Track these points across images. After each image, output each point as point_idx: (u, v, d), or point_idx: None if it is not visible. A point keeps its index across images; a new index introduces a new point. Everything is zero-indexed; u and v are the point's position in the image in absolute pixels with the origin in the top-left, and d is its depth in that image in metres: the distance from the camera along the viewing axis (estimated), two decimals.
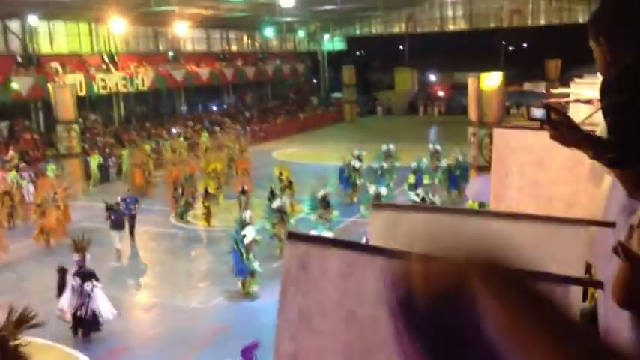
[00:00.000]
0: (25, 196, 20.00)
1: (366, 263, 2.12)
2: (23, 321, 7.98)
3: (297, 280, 2.17)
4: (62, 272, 10.99)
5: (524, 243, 2.85)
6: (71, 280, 10.79)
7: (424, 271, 0.95)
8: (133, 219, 16.60)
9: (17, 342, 7.64)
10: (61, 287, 10.89)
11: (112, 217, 15.55)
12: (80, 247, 11.22)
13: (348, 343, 2.12)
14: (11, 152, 24.00)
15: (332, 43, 49.12)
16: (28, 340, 7.94)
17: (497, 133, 5.48)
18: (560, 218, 2.97)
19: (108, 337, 10.78)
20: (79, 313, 10.66)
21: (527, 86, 42.74)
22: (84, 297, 10.68)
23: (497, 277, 0.86)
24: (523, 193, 5.02)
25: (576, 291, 2.34)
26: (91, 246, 11.51)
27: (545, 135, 2.17)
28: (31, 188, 20.09)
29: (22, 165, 23.19)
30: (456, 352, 1.11)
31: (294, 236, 2.23)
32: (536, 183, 4.98)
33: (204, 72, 36.54)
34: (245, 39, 44.49)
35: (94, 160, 24.66)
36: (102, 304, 10.75)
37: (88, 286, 10.74)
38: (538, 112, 2.02)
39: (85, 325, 10.74)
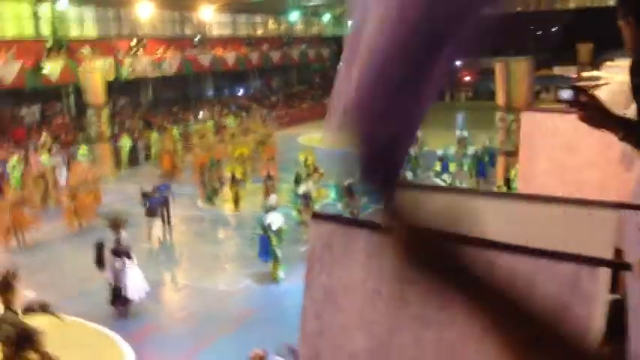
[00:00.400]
0: (58, 179, 20.39)
1: (390, 243, 2.14)
2: (31, 308, 8.12)
3: (321, 259, 2.20)
4: (99, 248, 11.27)
5: (552, 226, 2.85)
6: (108, 256, 11.14)
7: None
8: (167, 206, 16.31)
9: (22, 324, 7.80)
10: (100, 262, 11.23)
11: (147, 205, 15.38)
12: (116, 225, 11.47)
13: (373, 320, 2.15)
14: (44, 136, 24.43)
15: None
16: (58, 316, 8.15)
17: (526, 116, 5.42)
18: (589, 200, 2.95)
19: (138, 316, 11.00)
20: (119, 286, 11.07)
21: (557, 70, 41.97)
22: (116, 273, 10.99)
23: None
24: (552, 177, 4.97)
25: (605, 278, 2.32)
26: (126, 225, 11.74)
27: (574, 118, 2.15)
28: (64, 171, 20.48)
29: (54, 148, 23.60)
30: None
31: (319, 216, 2.26)
32: (565, 167, 4.92)
33: (230, 57, 36.63)
34: (271, 23, 44.43)
35: (124, 144, 25.00)
36: (131, 282, 10.99)
37: (118, 263, 11.01)
38: (566, 94, 2.01)
39: (117, 300, 11.08)
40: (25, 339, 8.06)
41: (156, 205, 15.42)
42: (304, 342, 2.31)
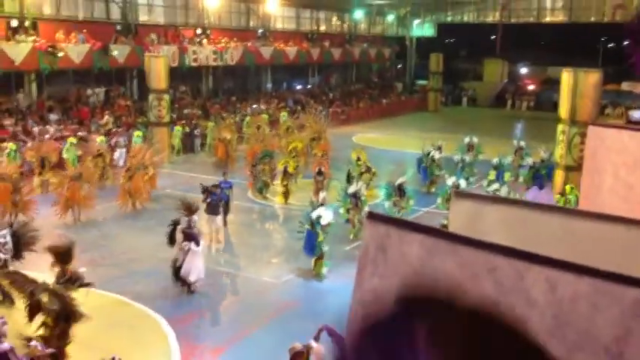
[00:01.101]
0: (116, 160, 20.97)
1: (445, 250, 2.07)
2: (73, 280, 8.40)
3: (374, 261, 2.15)
4: (174, 225, 11.79)
5: (615, 247, 2.71)
6: (178, 237, 11.59)
7: None
8: (227, 204, 15.48)
9: (68, 296, 8.04)
10: (171, 239, 11.71)
11: (209, 201, 14.43)
12: (190, 209, 11.86)
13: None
14: (106, 117, 25.17)
15: (421, 28, 48.22)
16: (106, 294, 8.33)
17: (592, 130, 5.22)
18: None
19: (183, 301, 11.19)
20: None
21: (625, 86, 40.35)
22: (182, 253, 11.38)
23: None
24: (615, 195, 4.77)
25: None
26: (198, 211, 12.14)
27: None
28: (124, 153, 21.04)
29: (115, 130, 24.29)
30: None
31: (374, 217, 2.21)
32: (631, 186, 4.71)
33: (291, 51, 36.86)
34: (334, 20, 44.47)
35: (179, 131, 25.48)
36: (192, 265, 11.26)
37: (185, 245, 11.36)
38: (637, 114, 1.90)
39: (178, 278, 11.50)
40: (65, 316, 8.30)
41: (217, 203, 14.56)
42: (350, 342, 2.27)
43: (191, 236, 11.47)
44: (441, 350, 2.09)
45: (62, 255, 8.90)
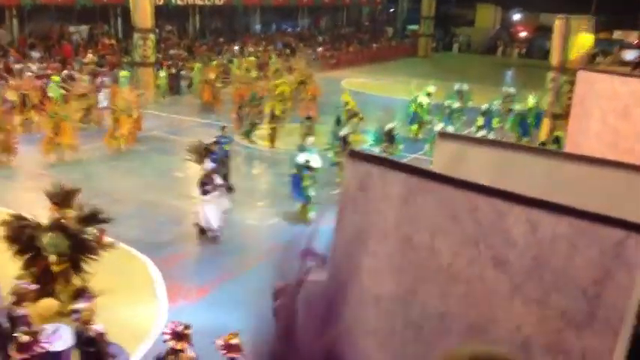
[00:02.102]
0: (102, 101, 20.60)
1: (427, 189, 2.04)
2: (92, 218, 8.46)
3: (355, 199, 2.11)
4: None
5: (598, 189, 2.69)
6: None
7: None
8: (225, 163, 13.59)
9: (84, 234, 8.16)
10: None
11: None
12: (200, 155, 11.74)
13: (401, 268, 2.08)
14: (90, 55, 24.60)
15: None
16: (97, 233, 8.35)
17: (582, 75, 5.16)
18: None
19: (168, 243, 11.22)
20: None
21: (617, 35, 40.12)
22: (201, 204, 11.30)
23: None
24: (602, 141, 4.74)
25: None
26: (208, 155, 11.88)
27: (634, 83, 1.98)
28: (108, 93, 20.67)
29: (99, 70, 23.78)
30: None
31: (355, 155, 2.16)
32: (618, 132, 4.68)
33: None
34: None
35: (164, 72, 25.01)
36: (208, 213, 11.20)
37: (200, 192, 11.27)
38: (631, 54, 1.84)
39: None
40: (80, 248, 8.37)
41: (217, 163, 12.57)
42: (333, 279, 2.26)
43: (201, 184, 11.30)
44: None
45: (61, 199, 8.86)
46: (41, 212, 8.93)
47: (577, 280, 1.85)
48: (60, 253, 8.33)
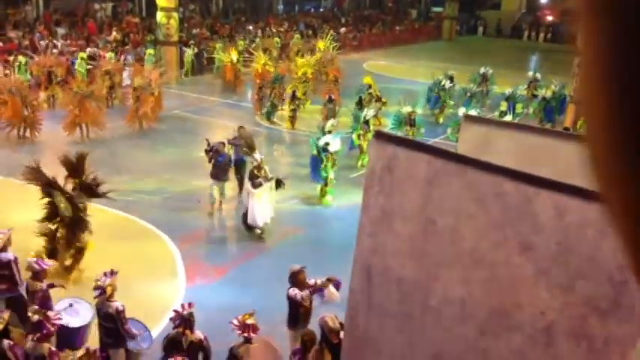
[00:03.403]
0: (125, 79, 20.72)
1: (453, 172, 2.03)
2: (92, 189, 8.61)
3: (381, 180, 2.11)
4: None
5: None
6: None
7: None
8: (241, 167, 12.27)
9: (84, 206, 8.34)
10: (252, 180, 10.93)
11: (215, 162, 11.42)
12: (251, 147, 11.32)
13: (424, 250, 2.08)
14: (114, 33, 24.72)
15: None
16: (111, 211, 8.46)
17: None
18: None
19: (189, 222, 11.31)
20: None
21: None
22: (246, 196, 10.84)
23: None
24: None
25: None
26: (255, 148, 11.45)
27: None
28: (131, 71, 20.77)
29: (123, 48, 23.89)
30: None
31: (382, 136, 2.15)
32: None
33: None
34: None
35: (190, 51, 25.06)
36: (251, 208, 10.62)
37: (248, 184, 10.84)
38: None
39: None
40: (77, 223, 8.58)
41: (226, 165, 11.61)
42: (358, 256, 2.27)
43: (252, 177, 10.74)
44: None
45: (74, 167, 8.99)
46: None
47: (603, 266, 1.83)
48: (66, 217, 8.55)
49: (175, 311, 6.19)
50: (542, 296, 2.00)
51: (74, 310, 6.65)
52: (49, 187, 8.60)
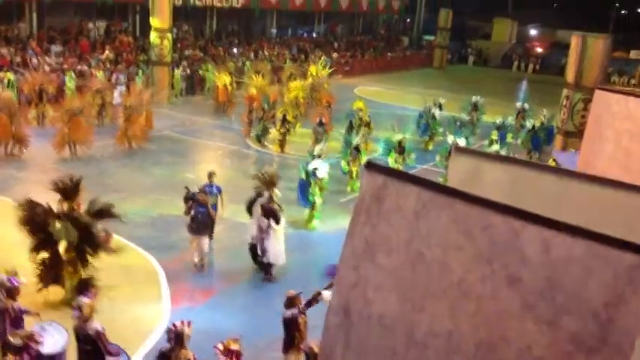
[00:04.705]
0: (116, 98, 20.71)
1: (441, 205, 2.03)
2: (103, 212, 8.51)
3: (369, 210, 2.11)
4: (257, 195, 10.43)
5: (612, 211, 2.67)
6: (256, 210, 10.24)
7: None
8: (211, 217, 10.67)
9: (94, 227, 8.23)
10: (250, 210, 10.41)
11: (194, 214, 10.21)
12: (270, 183, 10.38)
13: (410, 284, 2.07)
14: (107, 52, 24.76)
15: None
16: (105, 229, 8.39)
17: (599, 95, 5.12)
18: None
19: (176, 243, 11.22)
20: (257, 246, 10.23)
21: (634, 54, 39.97)
22: (259, 231, 10.11)
23: None
24: (615, 162, 4.71)
25: None
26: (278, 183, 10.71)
27: None
28: (123, 90, 20.77)
29: (115, 66, 23.92)
30: None
31: (372, 167, 2.16)
32: (631, 154, 4.64)
33: None
34: None
35: (178, 71, 25.14)
36: (272, 246, 10.03)
37: (264, 222, 10.03)
38: None
39: (261, 262, 10.26)
40: (87, 240, 8.45)
41: (206, 217, 10.36)
42: (337, 291, 2.25)
43: (271, 212, 10.01)
44: None
45: (67, 190, 8.92)
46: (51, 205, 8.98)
47: (589, 303, 1.83)
48: (69, 241, 8.40)
49: (172, 326, 6.12)
50: (529, 331, 1.99)
51: (48, 334, 6.27)
52: (45, 217, 8.44)
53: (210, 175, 11.16)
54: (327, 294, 6.77)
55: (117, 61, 24.72)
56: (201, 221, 10.15)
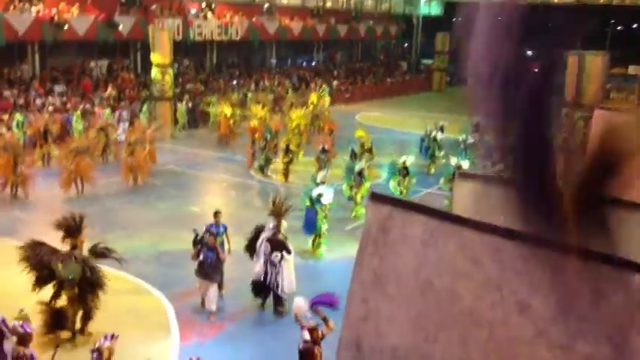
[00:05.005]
0: (120, 134, 20.86)
1: (448, 232, 2.03)
2: (102, 254, 8.54)
3: (376, 242, 2.11)
4: (257, 231, 10.31)
5: (620, 231, 2.66)
6: (263, 245, 10.01)
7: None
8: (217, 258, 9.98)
9: (93, 264, 8.23)
10: (252, 249, 10.24)
11: (202, 258, 9.80)
12: (278, 213, 10.23)
13: (421, 313, 2.06)
14: (109, 90, 25.02)
15: (428, 7, 47.73)
16: (105, 269, 8.38)
17: (599, 114, 5.15)
18: None
19: (182, 278, 11.17)
20: (266, 280, 9.98)
21: (632, 70, 40.06)
22: (271, 266, 9.91)
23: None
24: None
25: None
26: (289, 213, 10.58)
27: None
28: (126, 126, 20.92)
29: (119, 103, 24.15)
30: None
31: (377, 198, 2.16)
32: (631, 172, 4.66)
33: (296, 26, 36.54)
34: None
35: (183, 106, 25.36)
36: (286, 279, 9.89)
37: (276, 256, 9.86)
38: None
39: (272, 295, 10.10)
40: (88, 282, 8.46)
41: (215, 261, 9.82)
42: (347, 325, 2.24)
43: (281, 244, 9.92)
44: None
45: (70, 228, 8.95)
46: (57, 246, 8.99)
47: (603, 327, 1.82)
48: (72, 278, 8.42)
49: None
50: (542, 356, 1.98)
51: None
52: (49, 256, 8.48)
53: (217, 214, 10.74)
54: (298, 300, 6.91)
55: (120, 98, 24.97)
56: (211, 265, 9.73)
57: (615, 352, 1.83)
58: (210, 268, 9.73)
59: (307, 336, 6.81)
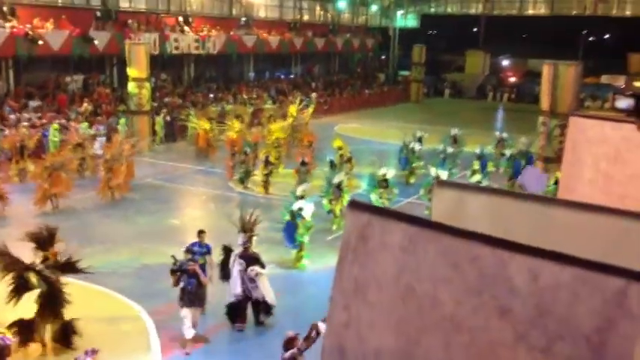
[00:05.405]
0: (97, 150, 20.67)
1: (428, 239, 2.05)
2: (68, 266, 8.46)
3: (355, 250, 2.12)
4: (227, 251, 10.19)
5: (596, 236, 2.71)
6: (236, 263, 9.88)
7: None
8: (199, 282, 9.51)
9: (57, 279, 8.16)
10: (226, 273, 10.07)
11: (183, 285, 9.33)
12: (248, 228, 10.17)
13: (402, 319, 2.07)
14: (85, 105, 24.80)
15: (405, 19, 48.27)
16: (82, 284, 8.24)
17: (574, 121, 5.23)
18: (636, 213, 2.79)
19: (162, 292, 11.06)
20: (250, 297, 9.94)
21: (604, 79, 40.93)
22: (250, 282, 9.86)
23: None
24: (595, 187, 4.78)
25: None
26: (257, 226, 10.49)
27: (625, 128, 2.02)
28: (103, 142, 20.73)
29: (95, 118, 23.93)
30: None
31: (355, 205, 2.17)
32: (611, 178, 4.72)
33: (274, 40, 36.66)
34: (317, 9, 44.27)
35: (159, 119, 25.21)
36: (267, 289, 9.92)
37: (251, 271, 9.80)
38: (624, 102, 1.88)
39: (256, 309, 10.05)
40: (53, 298, 8.37)
41: (194, 289, 9.35)
42: (329, 332, 2.24)
43: (255, 258, 9.93)
44: None
45: (41, 240, 8.83)
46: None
47: (581, 329, 1.85)
48: (41, 291, 8.36)
49: None
50: (523, 359, 2.00)
51: None
52: (21, 269, 8.40)
53: (200, 233, 10.22)
54: (323, 326, 6.71)
55: (96, 112, 24.75)
56: (192, 292, 9.28)
57: (594, 354, 1.86)
58: (191, 294, 9.30)
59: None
